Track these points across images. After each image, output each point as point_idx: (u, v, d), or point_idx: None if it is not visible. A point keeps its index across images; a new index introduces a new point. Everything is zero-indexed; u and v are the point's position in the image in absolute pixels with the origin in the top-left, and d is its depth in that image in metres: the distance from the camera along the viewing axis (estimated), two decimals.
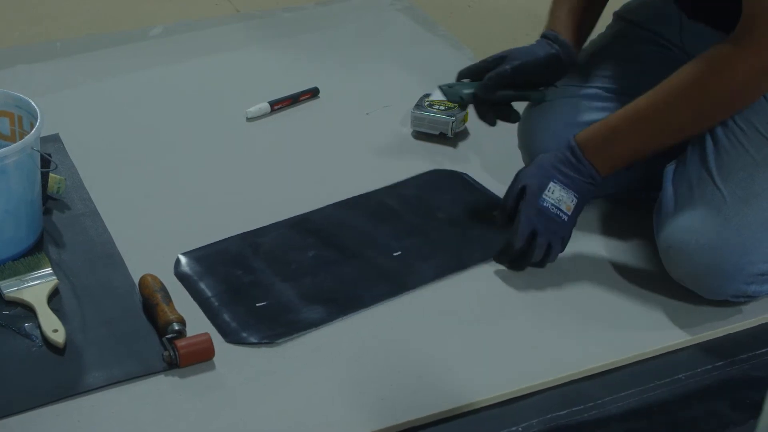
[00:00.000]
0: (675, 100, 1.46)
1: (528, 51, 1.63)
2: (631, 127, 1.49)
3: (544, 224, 1.52)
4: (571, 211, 1.53)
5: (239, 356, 1.41)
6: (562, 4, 1.66)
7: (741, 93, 1.45)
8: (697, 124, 1.49)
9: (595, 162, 1.51)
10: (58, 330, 1.40)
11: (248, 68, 2.10)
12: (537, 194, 1.52)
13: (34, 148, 1.50)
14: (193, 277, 1.53)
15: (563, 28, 1.64)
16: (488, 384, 1.38)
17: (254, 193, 1.74)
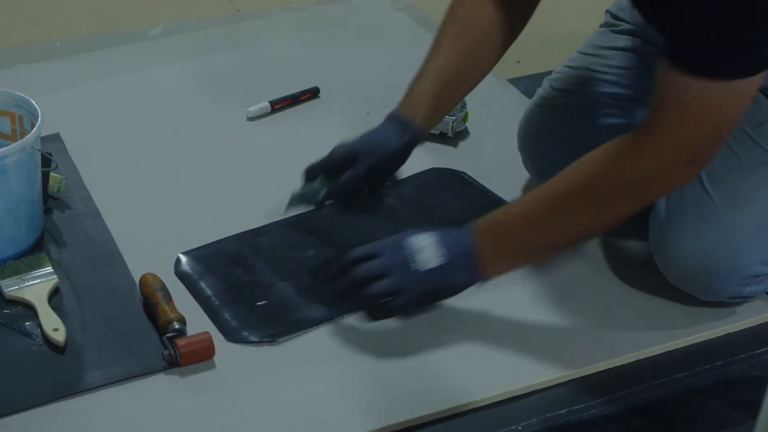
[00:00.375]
0: (575, 191, 1.34)
1: (380, 142, 1.50)
2: (525, 224, 1.38)
3: (391, 255, 1.38)
4: (425, 270, 1.37)
5: (239, 355, 1.41)
6: (422, 86, 1.51)
7: (645, 185, 1.32)
8: (600, 219, 1.36)
9: (481, 259, 1.38)
10: (59, 329, 1.40)
11: (248, 68, 2.10)
12: (409, 234, 1.40)
13: (34, 148, 1.50)
14: (193, 276, 1.53)
15: (420, 113, 1.51)
16: (488, 383, 1.38)
17: (254, 192, 1.74)
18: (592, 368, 1.42)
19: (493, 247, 1.38)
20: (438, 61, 1.51)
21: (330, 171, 1.51)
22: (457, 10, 1.52)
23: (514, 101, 2.03)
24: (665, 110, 1.28)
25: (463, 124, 1.91)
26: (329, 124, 1.93)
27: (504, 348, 1.43)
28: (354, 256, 1.40)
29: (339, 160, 1.50)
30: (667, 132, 1.28)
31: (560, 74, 1.72)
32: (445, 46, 1.52)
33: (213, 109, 1.96)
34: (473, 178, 1.78)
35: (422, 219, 1.67)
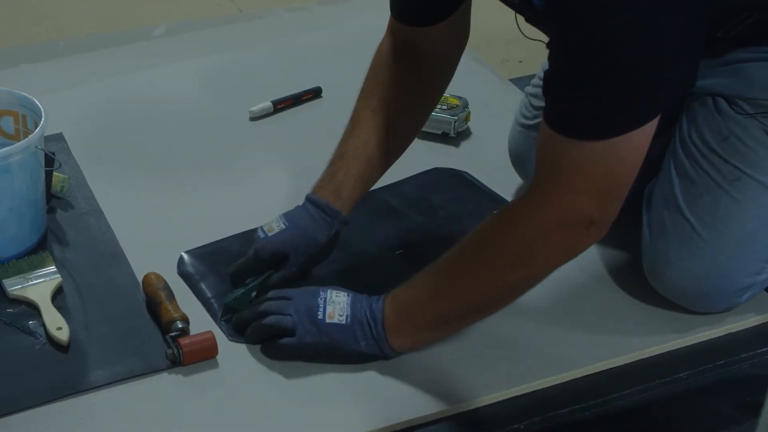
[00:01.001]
0: (465, 258, 1.32)
1: (308, 236, 1.45)
2: (425, 294, 1.35)
3: (301, 299, 1.37)
4: (331, 321, 1.35)
5: (243, 355, 1.41)
6: (345, 170, 1.48)
7: (531, 252, 1.28)
8: (491, 288, 1.32)
9: (387, 331, 1.36)
10: (62, 328, 1.40)
11: (251, 68, 2.11)
12: (327, 287, 1.39)
13: (38, 147, 1.50)
14: (196, 275, 1.54)
15: (346, 201, 1.47)
16: (490, 383, 1.38)
17: (257, 191, 1.75)
18: (593, 368, 1.42)
19: (396, 319, 1.35)
20: (358, 140, 1.49)
21: (257, 270, 1.46)
22: (372, 84, 1.51)
23: (516, 101, 2.00)
24: (544, 172, 1.25)
25: (465, 124, 1.91)
26: (331, 124, 1.91)
27: (506, 349, 1.43)
28: (269, 296, 1.41)
29: (267, 260, 1.45)
30: (548, 196, 1.24)
31: (537, 89, 1.70)
32: (363, 122, 1.50)
33: (215, 109, 1.97)
34: (475, 178, 1.78)
35: (425, 219, 1.67)
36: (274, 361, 1.40)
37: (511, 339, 1.45)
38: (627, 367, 1.44)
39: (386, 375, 1.39)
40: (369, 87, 1.51)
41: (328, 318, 1.36)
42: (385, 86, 1.49)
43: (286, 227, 1.46)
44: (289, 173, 1.79)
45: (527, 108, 1.70)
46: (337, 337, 1.36)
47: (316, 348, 1.37)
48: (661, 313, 1.50)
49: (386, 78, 1.49)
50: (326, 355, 1.38)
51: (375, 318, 1.36)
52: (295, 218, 1.47)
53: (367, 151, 1.48)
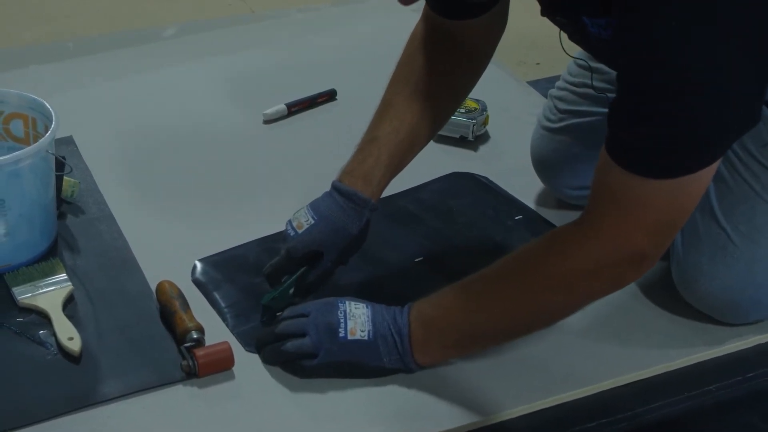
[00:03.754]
0: (507, 279, 1.27)
1: (339, 229, 1.39)
2: (456, 311, 1.30)
3: (318, 316, 1.32)
4: (353, 338, 1.30)
5: (259, 366, 1.37)
6: (375, 156, 1.42)
7: (579, 282, 1.24)
8: (531, 312, 1.28)
9: (415, 347, 1.31)
10: (74, 338, 1.36)
11: (263, 69, 2.07)
12: (344, 299, 1.34)
13: (49, 151, 1.46)
14: (211, 284, 1.50)
15: (375, 188, 1.42)
16: (515, 395, 1.34)
17: (272, 196, 1.71)
18: (621, 380, 1.38)
19: (423, 336, 1.30)
20: (390, 125, 1.44)
21: (293, 268, 1.41)
22: (406, 70, 1.47)
23: (534, 104, 1.99)
24: (603, 205, 1.20)
25: (484, 128, 1.87)
26: (347, 127, 1.88)
27: (531, 361, 1.39)
28: (286, 314, 1.36)
29: (301, 259, 1.40)
30: (604, 228, 1.20)
31: (563, 92, 1.67)
32: (395, 107, 1.45)
33: (228, 112, 1.93)
34: (495, 183, 1.74)
35: (444, 225, 1.63)
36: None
37: (536, 350, 1.40)
38: (655, 379, 1.40)
39: (408, 388, 1.35)
40: (402, 72, 1.47)
41: (350, 334, 1.31)
42: (418, 72, 1.44)
43: (316, 221, 1.40)
44: (304, 178, 1.75)
45: (552, 111, 1.66)
46: (359, 354, 1.32)
47: (337, 367, 1.33)
48: (690, 324, 1.46)
49: (420, 64, 1.45)
50: (348, 372, 1.34)
51: (400, 333, 1.32)
52: (323, 210, 1.41)
53: (399, 136, 1.43)
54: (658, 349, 1.43)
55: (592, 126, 1.60)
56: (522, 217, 1.66)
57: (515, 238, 1.60)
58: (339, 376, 1.35)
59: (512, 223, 1.65)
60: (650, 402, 1.36)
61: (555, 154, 1.64)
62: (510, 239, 1.61)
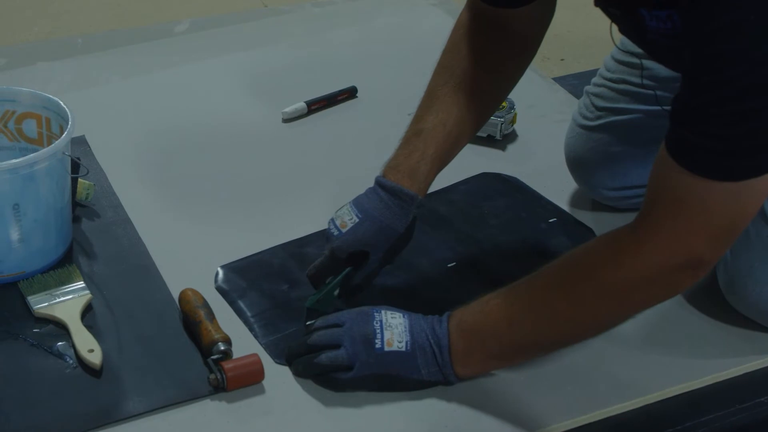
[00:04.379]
0: (555, 289, 1.20)
1: (385, 228, 1.33)
2: (500, 321, 1.23)
3: (353, 326, 1.26)
4: (390, 349, 1.23)
5: (290, 378, 1.30)
6: (422, 148, 1.35)
7: (632, 290, 1.17)
8: (581, 322, 1.22)
9: (456, 358, 1.25)
10: (94, 350, 1.29)
11: (280, 66, 1.99)
12: (379, 308, 1.28)
13: (65, 153, 1.39)
14: (236, 292, 1.43)
15: (422, 183, 1.35)
16: (559, 411, 1.28)
17: (294, 198, 1.64)
18: (668, 392, 1.32)
19: (465, 347, 1.24)
20: (436, 117, 1.37)
21: (336, 268, 1.35)
22: (451, 59, 1.40)
23: (561, 101, 1.93)
24: (661, 208, 1.13)
25: (512, 127, 1.81)
26: (369, 126, 1.83)
27: (574, 372, 1.33)
28: (318, 325, 1.29)
29: (345, 259, 1.33)
30: (662, 233, 1.13)
31: (600, 89, 1.60)
32: (441, 98, 1.38)
33: (246, 110, 1.86)
34: (525, 184, 1.67)
35: (476, 229, 1.56)
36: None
37: (579, 362, 1.33)
38: (704, 390, 1.33)
39: (448, 402, 1.28)
40: (447, 62, 1.39)
41: (387, 346, 1.25)
42: (464, 63, 1.37)
43: (361, 220, 1.33)
44: (327, 179, 1.68)
45: (589, 109, 1.59)
46: (396, 366, 1.25)
47: (373, 380, 1.26)
48: (738, 332, 1.39)
49: (465, 54, 1.37)
50: (384, 385, 1.27)
51: (440, 344, 1.25)
52: (368, 208, 1.34)
53: (445, 129, 1.36)
54: (706, 358, 1.36)
55: (632, 124, 1.53)
56: (556, 219, 1.59)
57: (551, 242, 1.54)
58: (374, 390, 1.28)
59: (546, 226, 1.58)
60: (700, 415, 1.30)
61: (592, 153, 1.57)
62: (545, 243, 1.54)
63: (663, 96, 1.51)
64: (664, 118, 1.50)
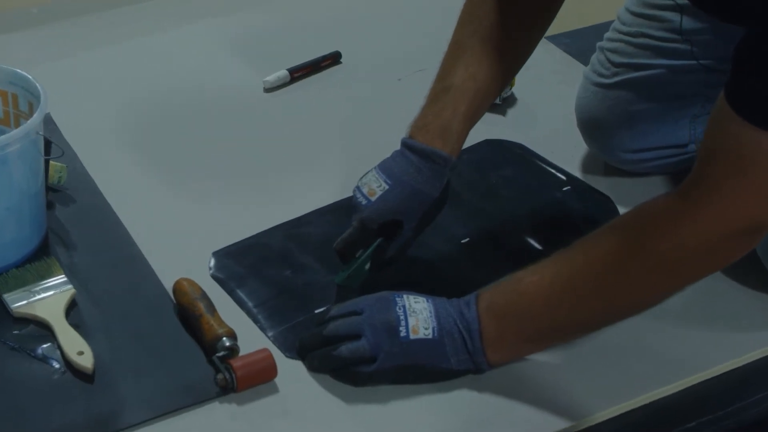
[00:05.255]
0: (599, 265, 1.10)
1: (419, 193, 1.23)
2: (537, 303, 1.13)
3: (374, 313, 1.15)
4: (416, 337, 1.13)
5: (304, 374, 1.18)
6: (452, 106, 1.25)
7: (688, 261, 1.07)
8: (629, 299, 1.12)
9: (488, 344, 1.14)
10: (84, 352, 1.16)
11: (260, 31, 1.84)
12: (400, 293, 1.17)
13: (39, 133, 1.25)
14: (235, 280, 1.30)
15: (455, 143, 1.25)
16: (599, 397, 1.17)
17: (283, 173, 1.51)
18: (714, 371, 1.22)
19: (498, 331, 1.13)
20: (465, 71, 1.25)
21: (367, 239, 1.24)
22: (477, 6, 1.28)
23: (557, 61, 1.81)
24: (720, 167, 1.02)
25: (510, 90, 1.68)
26: (356, 93, 1.70)
27: (612, 354, 1.22)
28: (334, 313, 1.18)
29: (378, 230, 1.23)
30: (722, 195, 1.03)
31: (616, 44, 1.48)
32: (469, 49, 1.26)
33: (225, 80, 1.71)
34: (532, 151, 1.56)
35: (486, 201, 1.45)
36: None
37: (615, 341, 1.22)
38: (752, 366, 1.23)
39: (479, 392, 1.17)
40: (474, 9, 1.27)
41: (412, 333, 1.13)
42: (492, 10, 1.25)
43: (390, 186, 1.22)
44: (319, 151, 1.56)
45: (604, 65, 1.47)
46: (423, 355, 1.14)
47: (398, 372, 1.15)
48: None
49: (493, 1, 1.25)
50: (409, 377, 1.16)
51: (470, 329, 1.14)
52: (398, 173, 1.23)
53: (476, 83, 1.24)
54: (750, 332, 1.26)
55: (654, 80, 1.42)
56: (570, 188, 1.48)
57: (567, 212, 1.44)
58: (399, 383, 1.16)
59: (561, 195, 1.47)
60: (750, 394, 1.20)
61: (610, 112, 1.45)
62: (562, 213, 1.44)
63: (685, 50, 1.41)
64: (689, 73, 1.41)
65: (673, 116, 1.44)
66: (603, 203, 1.45)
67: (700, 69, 1.40)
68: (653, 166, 1.48)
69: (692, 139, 1.45)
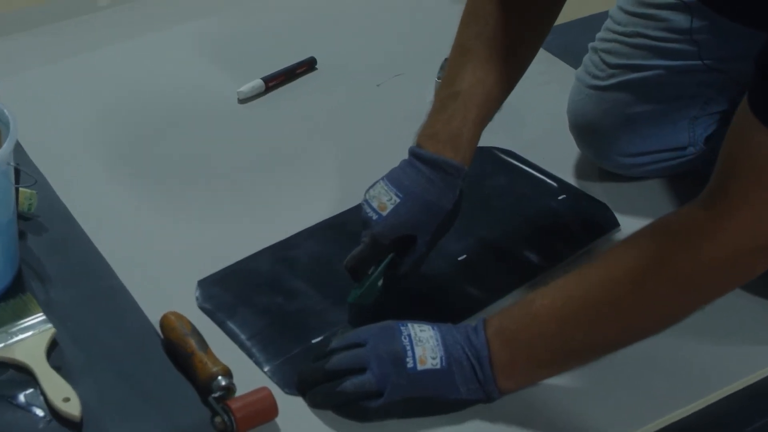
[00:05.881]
0: (613, 284, 1.04)
1: (432, 206, 1.17)
2: (550, 325, 1.07)
3: (379, 343, 1.09)
4: (424, 367, 1.07)
5: (305, 410, 1.11)
6: (462, 112, 1.18)
7: (709, 278, 1.02)
8: (648, 319, 1.06)
9: (499, 371, 1.08)
10: (70, 398, 1.08)
11: (230, 38, 1.76)
12: (404, 322, 1.11)
13: (9, 163, 1.16)
14: (224, 311, 1.22)
15: (466, 150, 1.19)
16: (619, 421, 1.12)
17: (263, 189, 1.44)
18: (729, 389, 1.17)
19: (509, 358, 1.08)
20: (473, 75, 1.19)
21: (379, 254, 1.18)
22: (479, 5, 1.21)
23: (539, 61, 1.72)
24: (743, 177, 0.97)
25: None
26: (333, 100, 1.63)
27: (629, 377, 1.17)
28: (335, 345, 1.12)
29: (391, 245, 1.17)
30: (746, 207, 0.97)
31: (610, 44, 1.42)
32: (474, 52, 1.20)
33: (197, 92, 1.63)
34: (523, 158, 1.50)
35: (481, 213, 1.38)
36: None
37: (630, 362, 1.16)
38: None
39: (492, 423, 1.11)
40: (477, 9, 1.20)
41: (420, 363, 1.07)
42: (495, 9, 1.18)
43: (402, 200, 1.16)
44: (298, 164, 1.49)
45: (598, 67, 1.41)
46: (432, 386, 1.08)
47: (406, 405, 1.08)
48: None
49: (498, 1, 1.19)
50: (418, 410, 1.10)
51: (479, 356, 1.08)
52: (408, 185, 1.16)
53: (485, 87, 1.18)
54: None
55: (652, 81, 1.37)
56: (565, 196, 1.42)
57: (566, 222, 1.38)
58: (407, 416, 1.10)
59: (556, 204, 1.41)
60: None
61: (607, 116, 1.40)
62: (560, 224, 1.38)
63: (683, 50, 1.35)
64: (688, 73, 1.36)
65: (671, 118, 1.38)
66: (600, 211, 1.40)
67: (699, 69, 1.35)
68: (651, 169, 1.43)
69: (691, 141, 1.40)
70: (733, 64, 1.33)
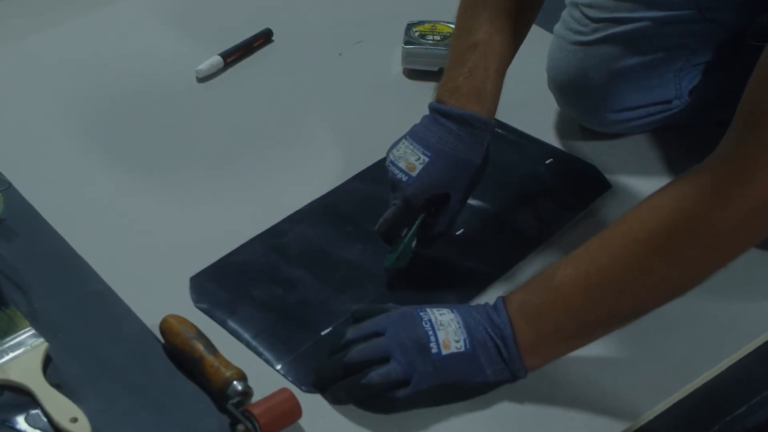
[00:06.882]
0: (641, 246, 1.00)
1: (463, 162, 1.14)
2: (573, 298, 1.03)
3: (400, 331, 1.05)
4: (448, 352, 1.03)
5: (326, 407, 1.06)
6: (483, 64, 1.15)
7: (737, 231, 0.98)
8: (672, 282, 1.02)
9: (524, 349, 1.05)
10: (78, 418, 1.01)
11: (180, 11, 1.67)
12: (423, 306, 1.07)
13: None
14: (222, 309, 1.16)
15: (492, 103, 1.16)
16: (649, 391, 1.09)
17: (236, 170, 1.37)
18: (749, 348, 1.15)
19: (534, 334, 1.04)
20: (491, 25, 1.16)
21: (413, 215, 1.15)
22: None
23: None
24: (765, 126, 0.93)
25: None
26: (292, 73, 1.56)
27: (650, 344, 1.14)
28: (352, 336, 1.07)
29: (424, 206, 1.15)
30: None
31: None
32: (488, 5, 1.16)
33: (153, 73, 1.54)
34: (504, 123, 1.45)
35: None
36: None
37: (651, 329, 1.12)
38: None
39: (520, 403, 1.08)
40: None
41: (444, 348, 1.03)
42: None
43: (431, 158, 1.12)
44: (266, 140, 1.42)
45: (581, 22, 1.36)
46: (459, 371, 1.04)
47: (433, 392, 1.04)
48: None
49: None
50: (444, 397, 1.06)
51: (503, 335, 1.04)
52: (435, 143, 1.13)
53: (503, 36, 1.15)
54: None
55: (641, 33, 1.32)
56: (553, 160, 1.38)
57: (555, 186, 1.34)
58: (432, 404, 1.06)
59: (544, 168, 1.37)
60: None
61: (594, 71, 1.35)
62: (553, 189, 1.34)
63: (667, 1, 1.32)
64: (674, 24, 1.32)
65: (658, 71, 1.35)
66: (591, 173, 1.37)
67: (686, 19, 1.31)
68: (637, 125, 1.40)
69: (677, 94, 1.37)
70: (724, 10, 1.30)
